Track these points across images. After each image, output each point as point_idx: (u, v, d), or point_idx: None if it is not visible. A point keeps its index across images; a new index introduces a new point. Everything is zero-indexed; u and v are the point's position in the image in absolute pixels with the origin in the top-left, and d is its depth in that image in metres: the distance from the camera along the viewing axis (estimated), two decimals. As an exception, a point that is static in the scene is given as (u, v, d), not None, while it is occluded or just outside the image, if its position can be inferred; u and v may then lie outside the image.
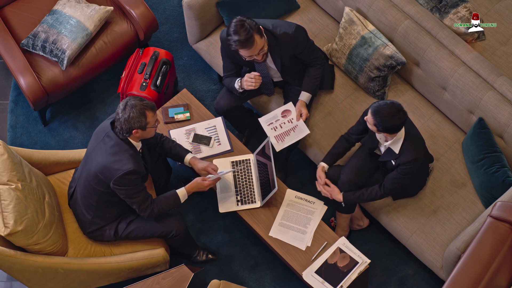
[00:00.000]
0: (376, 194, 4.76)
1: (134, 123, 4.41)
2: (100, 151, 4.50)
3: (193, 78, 5.83)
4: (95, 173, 4.51)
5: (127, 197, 4.54)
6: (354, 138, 4.86)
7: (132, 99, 4.43)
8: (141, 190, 4.55)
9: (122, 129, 4.43)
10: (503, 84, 4.84)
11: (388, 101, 4.47)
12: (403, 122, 4.46)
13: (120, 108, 4.43)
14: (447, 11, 5.21)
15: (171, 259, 5.07)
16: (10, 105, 5.77)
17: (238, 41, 4.67)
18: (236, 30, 4.65)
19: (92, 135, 4.66)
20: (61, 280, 4.72)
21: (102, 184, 4.53)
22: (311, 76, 5.06)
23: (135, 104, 4.40)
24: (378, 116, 4.44)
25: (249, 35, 4.65)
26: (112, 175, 4.45)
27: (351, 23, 5.15)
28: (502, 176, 4.77)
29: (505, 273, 4.10)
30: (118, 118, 4.43)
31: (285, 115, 5.09)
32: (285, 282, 5.14)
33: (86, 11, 5.40)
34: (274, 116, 5.10)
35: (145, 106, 4.42)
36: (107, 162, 4.46)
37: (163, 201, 4.67)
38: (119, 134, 4.47)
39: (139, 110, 4.39)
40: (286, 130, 5.05)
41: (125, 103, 4.42)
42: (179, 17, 6.04)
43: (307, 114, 5.05)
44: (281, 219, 4.84)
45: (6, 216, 4.41)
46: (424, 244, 4.87)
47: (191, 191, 4.73)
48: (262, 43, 4.74)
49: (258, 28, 4.71)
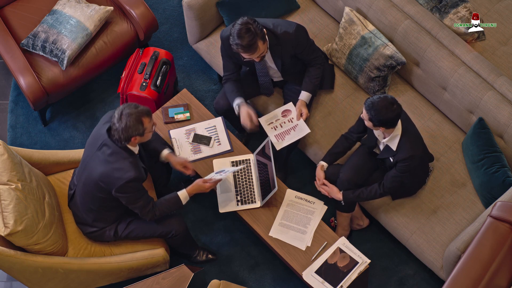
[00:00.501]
0: (376, 192, 4.76)
1: (132, 132, 4.39)
2: (98, 159, 4.49)
3: (193, 78, 5.83)
4: (96, 181, 4.50)
5: (129, 203, 4.56)
6: (355, 136, 4.86)
7: (126, 107, 4.38)
8: (143, 195, 4.56)
9: (121, 138, 4.40)
10: (503, 84, 4.84)
11: (381, 95, 4.48)
12: (397, 114, 4.46)
13: (115, 118, 4.38)
14: (447, 11, 5.21)
15: (171, 259, 5.07)
16: (10, 105, 5.77)
17: (240, 45, 4.64)
18: (240, 34, 4.62)
19: (87, 142, 4.63)
20: (61, 280, 4.72)
21: (103, 191, 4.53)
22: (311, 76, 5.05)
23: (131, 112, 4.36)
24: (372, 109, 4.44)
25: (253, 41, 4.62)
26: (114, 183, 4.46)
27: (351, 23, 5.15)
28: (502, 176, 4.77)
29: (505, 273, 4.10)
30: (115, 128, 4.39)
31: (285, 114, 5.09)
32: (285, 282, 5.14)
33: (86, 11, 5.40)
34: (274, 116, 5.10)
35: (140, 113, 4.38)
36: (108, 171, 4.45)
37: (165, 204, 4.67)
38: (117, 143, 4.45)
39: (135, 118, 4.36)
40: (286, 129, 5.05)
41: (120, 112, 4.37)
42: (179, 17, 6.04)
43: (307, 113, 5.05)
44: (281, 219, 4.84)
45: (6, 216, 4.41)
46: (424, 244, 4.87)
47: (192, 193, 4.73)
48: (264, 49, 4.73)
49: (263, 33, 4.68)
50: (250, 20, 4.66)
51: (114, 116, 4.40)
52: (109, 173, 4.45)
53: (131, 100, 5.32)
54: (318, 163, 4.95)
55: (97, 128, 4.59)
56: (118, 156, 4.45)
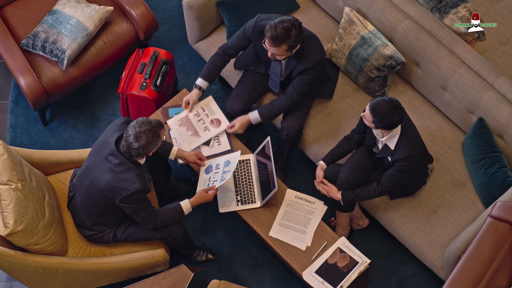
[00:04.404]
0: (374, 191, 4.76)
1: (152, 147, 4.42)
2: (105, 168, 4.48)
3: (193, 78, 5.83)
4: (100, 190, 4.51)
5: (132, 213, 4.57)
6: (357, 137, 4.87)
7: (141, 125, 4.37)
8: (146, 206, 4.57)
9: (139, 154, 4.41)
10: (503, 84, 4.84)
11: (386, 98, 4.47)
12: (401, 118, 4.47)
13: (131, 137, 4.36)
14: (447, 11, 5.21)
15: (171, 259, 5.07)
16: (10, 105, 5.77)
17: (270, 31, 4.58)
18: (280, 24, 4.55)
19: (92, 148, 4.64)
20: (61, 280, 4.72)
21: (107, 199, 4.54)
22: (275, 104, 4.96)
23: (148, 129, 4.36)
24: (376, 113, 4.44)
25: (281, 40, 4.57)
26: (118, 194, 4.47)
27: (351, 23, 5.15)
28: (502, 176, 4.77)
29: (505, 273, 4.10)
30: (133, 147, 4.37)
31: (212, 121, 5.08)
32: (285, 282, 5.14)
33: (86, 11, 5.40)
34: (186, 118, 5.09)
35: (156, 127, 4.40)
36: (114, 181, 4.45)
37: (167, 214, 4.67)
38: (125, 154, 4.45)
39: (153, 134, 4.37)
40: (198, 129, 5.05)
41: (136, 131, 4.35)
42: (179, 17, 6.04)
43: (237, 131, 4.96)
44: (281, 219, 4.84)
45: (6, 216, 4.41)
46: (424, 244, 4.87)
47: (196, 204, 4.73)
48: (282, 55, 4.69)
49: (295, 44, 4.63)
50: (297, 23, 4.60)
51: (129, 135, 4.37)
52: (115, 183, 4.45)
53: (131, 100, 5.32)
54: (318, 163, 4.95)
55: (104, 136, 4.59)
56: (124, 167, 4.45)
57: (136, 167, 4.48)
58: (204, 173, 4.93)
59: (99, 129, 5.66)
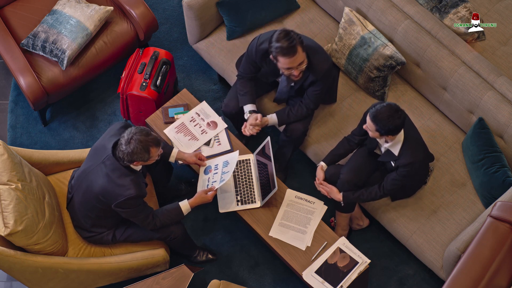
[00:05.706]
0: (376, 194, 4.76)
1: (136, 157, 4.39)
2: (101, 172, 4.48)
3: (193, 78, 5.83)
4: (96, 194, 4.51)
5: (128, 217, 4.58)
6: (357, 139, 4.86)
7: (138, 132, 4.36)
8: (143, 210, 4.57)
9: (124, 159, 4.40)
10: (503, 84, 4.84)
11: (384, 103, 4.47)
12: (403, 120, 4.47)
13: (124, 139, 4.37)
14: (447, 11, 5.21)
15: (171, 259, 5.07)
16: (10, 105, 5.77)
17: (280, 48, 4.62)
18: (279, 38, 4.62)
19: (90, 151, 4.64)
20: (61, 280, 4.72)
21: (102, 203, 4.54)
22: (293, 111, 4.98)
23: (140, 139, 4.34)
24: (378, 120, 4.43)
25: (292, 44, 4.60)
26: (114, 199, 4.47)
27: (351, 23, 5.15)
28: (502, 176, 4.77)
29: (505, 273, 4.10)
30: (122, 149, 4.38)
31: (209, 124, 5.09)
32: (285, 282, 5.14)
33: (86, 11, 5.40)
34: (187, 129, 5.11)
35: (150, 142, 4.37)
36: (109, 187, 4.45)
37: (166, 215, 4.67)
38: (120, 160, 4.45)
39: (143, 147, 4.35)
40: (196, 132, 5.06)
41: (131, 136, 4.36)
42: (179, 17, 6.04)
43: (257, 124, 4.96)
44: (281, 219, 4.84)
45: (6, 216, 4.41)
46: (424, 244, 4.87)
47: (195, 205, 4.73)
48: (303, 57, 4.70)
49: (301, 40, 4.67)
50: (288, 29, 4.67)
51: (123, 137, 4.38)
52: (110, 188, 4.45)
53: (131, 100, 5.32)
54: (318, 164, 4.95)
55: (102, 139, 4.59)
56: (120, 173, 4.45)
57: (132, 173, 4.47)
58: (203, 174, 4.93)
59: (99, 129, 5.66)
